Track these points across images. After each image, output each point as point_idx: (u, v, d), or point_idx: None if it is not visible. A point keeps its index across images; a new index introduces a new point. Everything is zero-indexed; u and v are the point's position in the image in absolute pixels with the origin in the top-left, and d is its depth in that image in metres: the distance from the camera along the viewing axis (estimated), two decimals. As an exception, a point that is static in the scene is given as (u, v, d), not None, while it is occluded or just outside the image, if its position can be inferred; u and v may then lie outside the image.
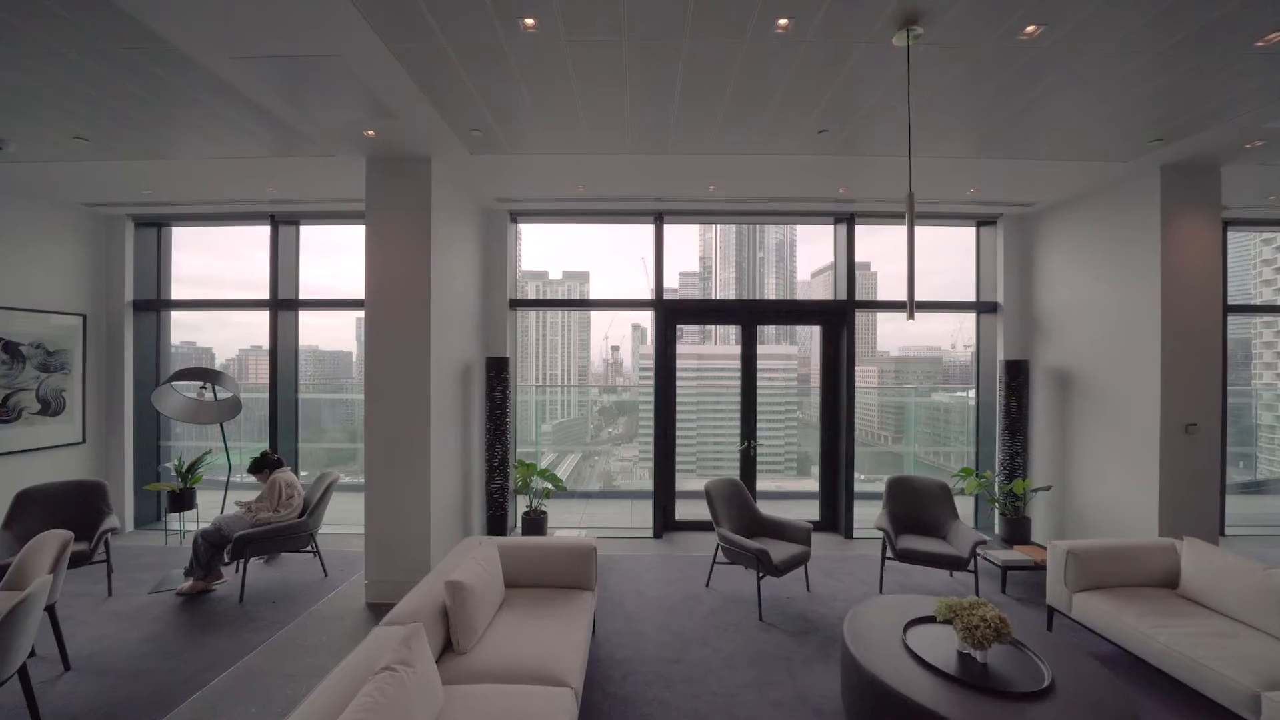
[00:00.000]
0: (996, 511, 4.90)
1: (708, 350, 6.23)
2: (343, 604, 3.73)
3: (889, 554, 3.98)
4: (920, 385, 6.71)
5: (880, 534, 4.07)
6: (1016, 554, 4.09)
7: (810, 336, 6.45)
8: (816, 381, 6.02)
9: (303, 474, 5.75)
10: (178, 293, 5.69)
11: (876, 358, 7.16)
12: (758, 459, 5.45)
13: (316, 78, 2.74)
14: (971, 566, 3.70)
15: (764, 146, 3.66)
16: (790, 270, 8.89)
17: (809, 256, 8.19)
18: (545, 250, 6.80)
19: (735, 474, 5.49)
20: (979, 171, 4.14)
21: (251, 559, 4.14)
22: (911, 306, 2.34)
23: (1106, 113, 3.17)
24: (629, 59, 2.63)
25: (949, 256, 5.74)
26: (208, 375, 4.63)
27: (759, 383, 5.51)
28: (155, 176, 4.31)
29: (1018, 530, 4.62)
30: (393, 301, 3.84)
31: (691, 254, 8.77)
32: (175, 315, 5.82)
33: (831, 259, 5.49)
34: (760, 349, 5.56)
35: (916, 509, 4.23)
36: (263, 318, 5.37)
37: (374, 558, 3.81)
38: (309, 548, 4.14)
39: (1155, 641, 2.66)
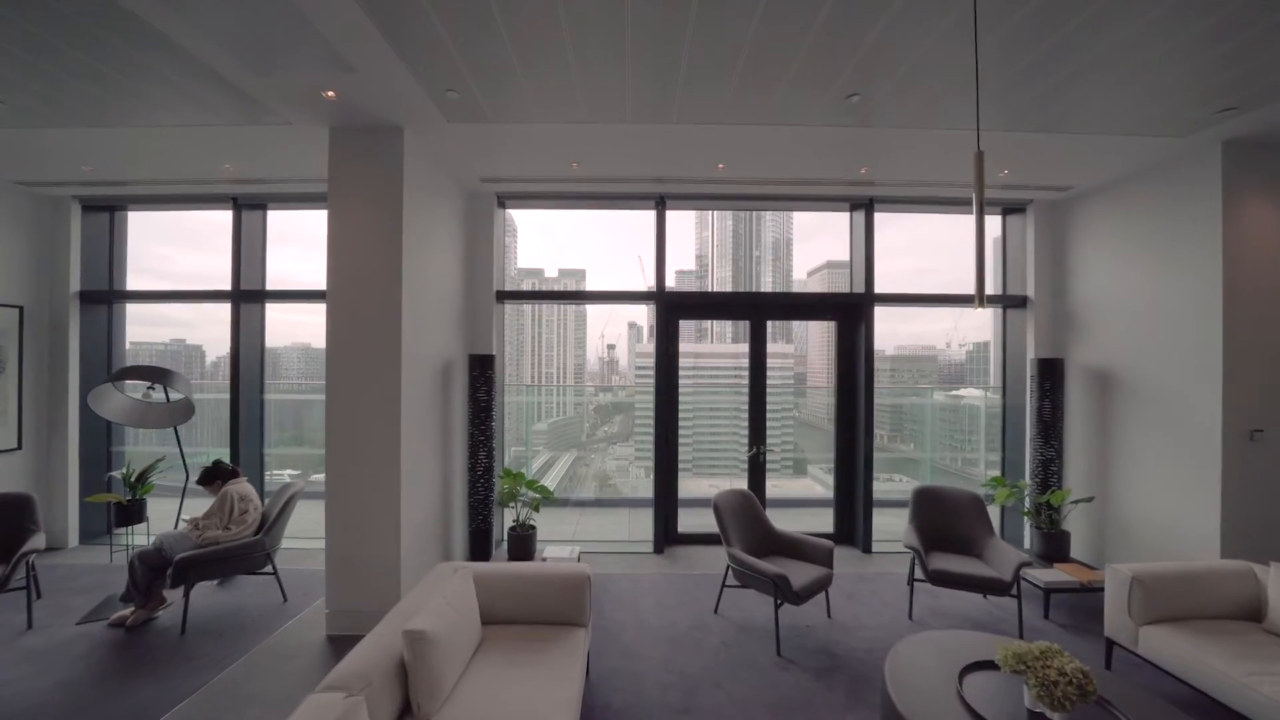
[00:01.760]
0: (1028, 525, 4.49)
1: (705, 349, 5.81)
2: (300, 636, 3.26)
3: (919, 575, 3.55)
4: (924, 386, 6.32)
5: (903, 549, 3.65)
6: (1059, 574, 3.68)
7: (806, 335, 6.10)
8: (814, 381, 5.64)
9: (288, 472, 5.31)
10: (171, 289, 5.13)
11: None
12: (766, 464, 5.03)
13: (255, 16, 2.27)
14: (1014, 591, 3.28)
15: (784, 114, 3.21)
16: (788, 269, 8.56)
17: (805, 255, 7.77)
18: (541, 248, 6.47)
19: (740, 480, 5.07)
20: (1013, 150, 3.70)
21: (202, 582, 3.67)
22: (980, 295, 1.91)
23: (1174, 78, 2.75)
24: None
25: (958, 254, 5.34)
26: (156, 374, 4.13)
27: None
28: (96, 151, 3.82)
29: (1055, 546, 4.20)
30: (358, 290, 3.37)
31: (688, 252, 8.38)
32: (169, 312, 5.31)
33: (827, 258, 5.10)
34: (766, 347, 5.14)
35: (947, 524, 3.80)
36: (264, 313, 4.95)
37: (336, 583, 3.35)
38: (266, 569, 3.67)
39: (1257, 693, 2.24)
